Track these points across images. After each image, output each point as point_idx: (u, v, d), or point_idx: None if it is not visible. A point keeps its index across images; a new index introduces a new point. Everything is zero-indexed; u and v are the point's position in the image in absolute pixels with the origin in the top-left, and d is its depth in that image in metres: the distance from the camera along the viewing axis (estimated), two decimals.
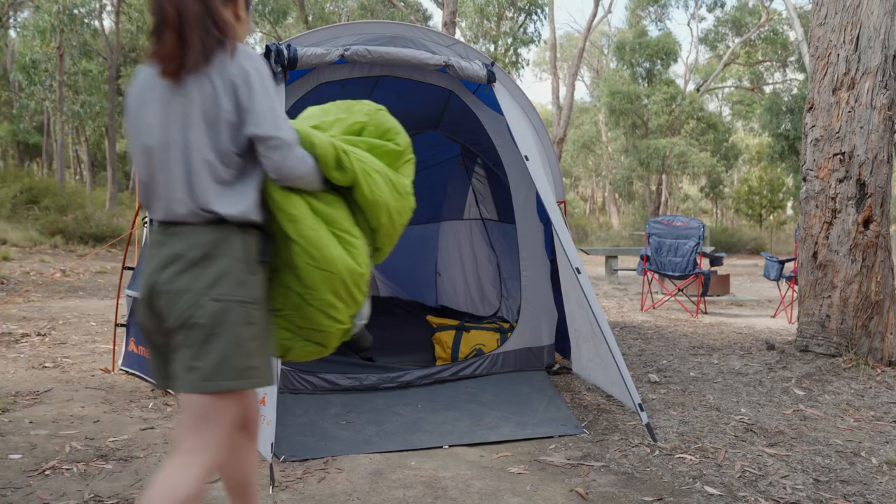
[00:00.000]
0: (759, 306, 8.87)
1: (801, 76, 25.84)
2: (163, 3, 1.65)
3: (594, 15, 24.18)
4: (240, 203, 1.64)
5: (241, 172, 1.65)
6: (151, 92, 1.65)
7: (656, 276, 8.69)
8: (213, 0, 1.66)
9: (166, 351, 1.73)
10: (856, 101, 4.76)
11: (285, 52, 3.47)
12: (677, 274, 8.03)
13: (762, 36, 27.49)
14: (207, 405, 1.61)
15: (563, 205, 4.49)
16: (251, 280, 1.65)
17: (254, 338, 1.64)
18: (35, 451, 2.90)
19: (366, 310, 1.86)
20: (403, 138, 1.93)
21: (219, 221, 1.62)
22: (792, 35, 25.15)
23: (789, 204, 30.33)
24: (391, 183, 1.84)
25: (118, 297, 4.48)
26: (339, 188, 1.77)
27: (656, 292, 9.45)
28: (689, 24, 55.67)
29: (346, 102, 1.97)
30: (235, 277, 1.61)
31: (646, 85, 27.52)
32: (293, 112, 3.93)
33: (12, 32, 26.88)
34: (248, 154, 1.64)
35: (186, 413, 1.64)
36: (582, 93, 75.60)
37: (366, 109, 1.93)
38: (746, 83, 32.18)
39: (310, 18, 25.55)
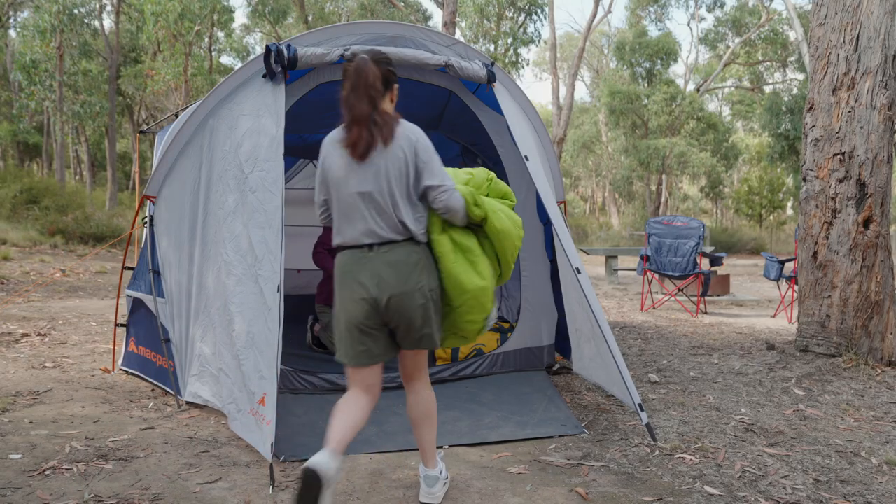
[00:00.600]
0: (759, 306, 8.87)
1: (801, 76, 25.85)
2: (352, 104, 2.34)
3: (594, 15, 24.18)
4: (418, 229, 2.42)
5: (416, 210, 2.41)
6: (348, 165, 2.36)
7: (656, 276, 8.69)
8: (379, 102, 2.36)
9: (378, 334, 2.39)
10: (856, 101, 4.76)
11: (285, 52, 3.47)
12: (677, 274, 8.03)
13: (762, 36, 27.48)
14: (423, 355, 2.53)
15: (563, 205, 4.49)
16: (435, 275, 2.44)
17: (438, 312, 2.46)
18: (35, 451, 2.90)
19: (494, 314, 2.54)
20: (513, 197, 2.74)
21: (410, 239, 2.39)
22: (792, 35, 25.16)
23: (789, 204, 30.33)
24: (511, 218, 2.55)
25: (118, 297, 4.48)
26: (473, 226, 2.50)
27: (656, 292, 9.45)
28: (689, 24, 55.65)
29: (466, 169, 2.69)
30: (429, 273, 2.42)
31: (646, 85, 27.52)
32: (293, 110, 3.94)
33: (12, 32, 26.89)
34: (423, 198, 2.41)
35: (411, 363, 2.51)
36: (582, 93, 75.66)
37: (486, 175, 2.68)
38: (746, 83, 32.17)
39: (310, 18, 25.55)
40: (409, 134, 2.37)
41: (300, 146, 6.14)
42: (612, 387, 3.65)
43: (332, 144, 2.41)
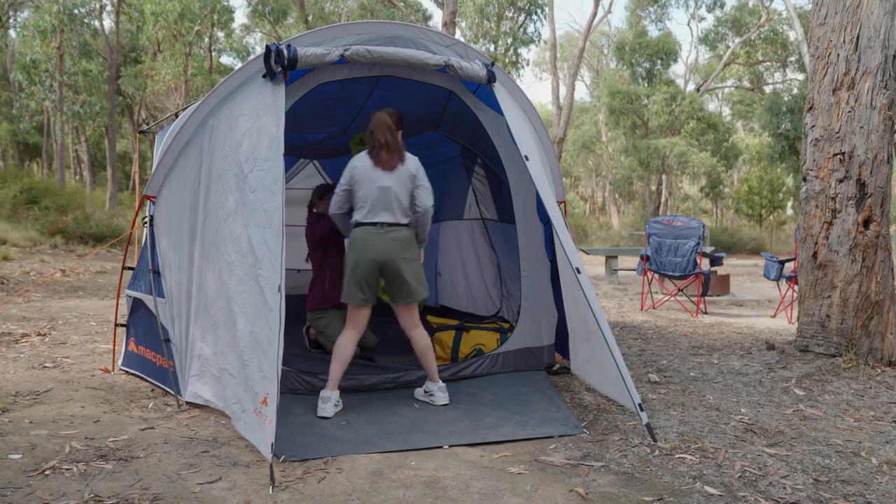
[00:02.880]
0: (759, 306, 8.87)
1: (801, 76, 25.85)
2: (378, 138, 3.65)
3: (594, 15, 24.18)
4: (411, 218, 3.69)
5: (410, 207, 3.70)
6: (374, 171, 3.63)
7: (656, 276, 8.69)
8: (397, 135, 3.71)
9: (373, 285, 3.63)
10: (856, 101, 4.76)
11: (285, 52, 3.47)
12: (677, 274, 8.03)
13: (762, 36, 27.49)
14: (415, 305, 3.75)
15: (563, 205, 4.49)
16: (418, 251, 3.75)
17: (423, 276, 3.75)
18: (35, 451, 2.90)
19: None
20: None
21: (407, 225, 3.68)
22: (792, 35, 25.16)
23: (789, 204, 30.32)
24: None
25: (118, 297, 4.48)
26: None
27: (656, 292, 9.45)
28: (689, 24, 55.67)
29: None
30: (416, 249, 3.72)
31: (646, 85, 27.53)
32: (293, 110, 3.94)
33: (12, 32, 26.90)
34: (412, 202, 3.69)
35: (407, 315, 3.75)
36: (582, 93, 75.63)
37: None
38: (746, 83, 32.18)
39: (310, 18, 25.56)
40: (411, 161, 3.74)
41: (300, 146, 6.14)
42: (607, 387, 3.65)
43: (362, 160, 3.67)
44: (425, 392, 3.78)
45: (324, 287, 4.94)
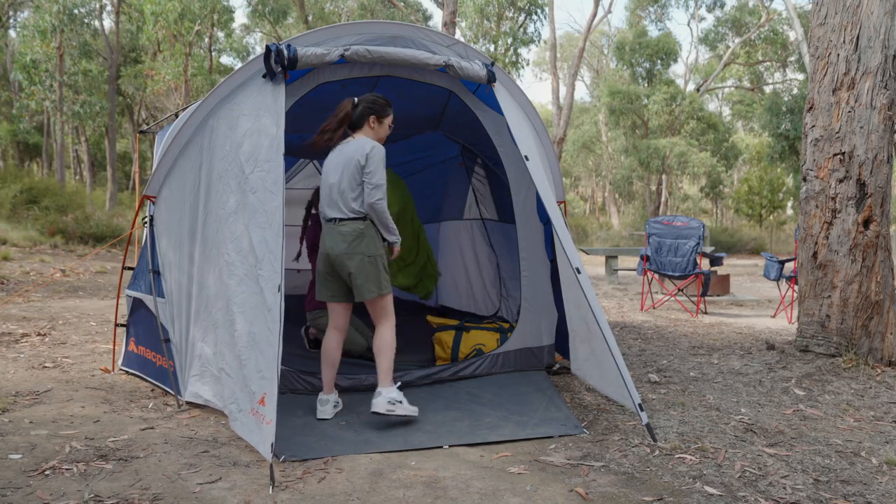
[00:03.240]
0: (759, 306, 8.87)
1: (801, 76, 25.85)
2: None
3: (594, 15, 24.18)
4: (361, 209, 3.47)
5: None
6: (325, 164, 3.60)
7: (656, 276, 8.69)
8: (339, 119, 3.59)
9: (337, 281, 3.50)
10: (856, 101, 4.76)
11: (285, 52, 3.47)
12: (677, 274, 8.03)
13: (762, 36, 27.49)
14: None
15: (563, 205, 4.49)
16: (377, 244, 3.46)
17: (377, 273, 3.43)
18: (35, 451, 2.90)
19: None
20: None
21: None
22: (792, 35, 25.16)
23: (789, 204, 30.32)
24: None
25: (118, 297, 4.48)
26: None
27: (656, 292, 9.45)
28: (689, 24, 55.59)
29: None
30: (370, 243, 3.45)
31: (646, 85, 27.52)
32: (293, 110, 3.94)
33: (12, 32, 26.89)
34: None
35: (370, 310, 3.52)
36: (582, 93, 75.62)
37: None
38: (746, 83, 32.17)
39: (310, 18, 25.55)
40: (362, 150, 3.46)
41: (300, 146, 6.13)
42: (608, 388, 3.65)
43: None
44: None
45: None
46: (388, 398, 3.33)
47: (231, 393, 3.20)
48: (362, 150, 3.38)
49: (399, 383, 3.50)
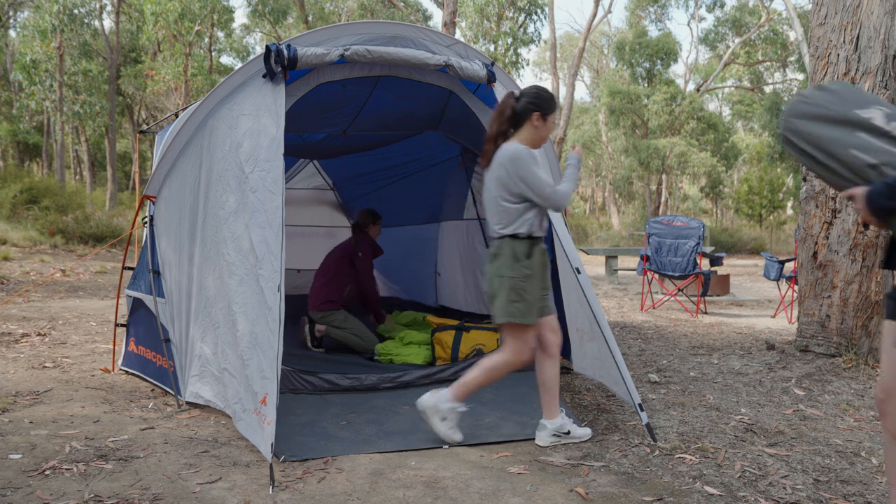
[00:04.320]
0: (759, 306, 8.87)
1: (801, 76, 25.86)
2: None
3: (594, 15, 24.17)
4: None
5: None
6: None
7: (656, 276, 8.69)
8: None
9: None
10: None
11: (285, 52, 3.47)
12: (677, 274, 8.03)
13: (762, 36, 27.50)
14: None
15: None
16: (517, 266, 3.00)
17: (518, 296, 3.00)
18: (35, 451, 2.90)
19: None
20: None
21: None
22: (792, 35, 25.16)
23: (789, 204, 30.32)
24: None
25: (118, 297, 4.48)
26: None
27: (656, 292, 9.45)
28: (689, 24, 55.59)
29: None
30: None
31: (646, 85, 27.53)
32: (293, 110, 3.94)
33: (12, 32, 26.89)
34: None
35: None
36: (582, 93, 75.66)
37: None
38: (746, 83, 32.17)
39: (310, 18, 25.56)
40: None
41: (300, 146, 6.14)
42: (615, 386, 3.65)
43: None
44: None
45: (344, 292, 5.29)
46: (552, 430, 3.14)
47: (235, 393, 3.20)
48: (500, 163, 2.97)
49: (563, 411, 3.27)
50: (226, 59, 28.06)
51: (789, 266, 12.00)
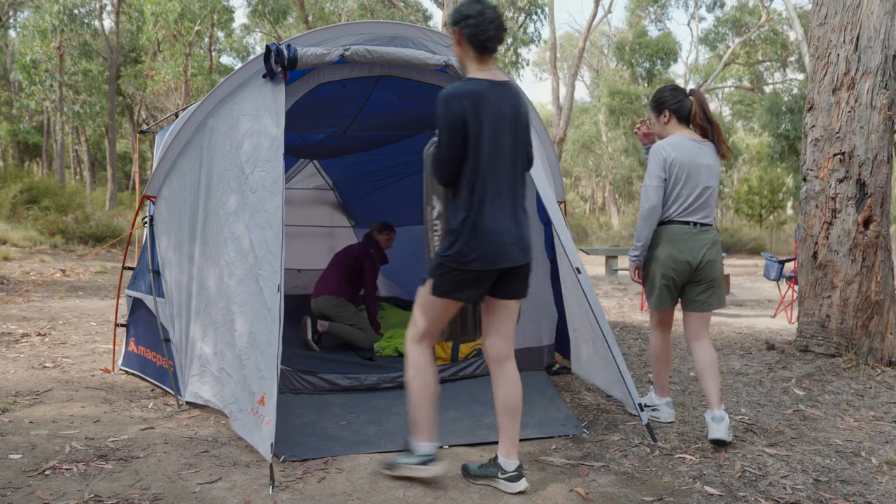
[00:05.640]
0: (759, 306, 8.87)
1: (801, 76, 25.86)
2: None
3: (594, 15, 24.18)
4: None
5: None
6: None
7: None
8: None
9: (678, 290, 3.33)
10: (856, 101, 4.76)
11: (285, 52, 3.47)
12: None
13: (762, 36, 27.49)
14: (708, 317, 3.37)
15: (563, 205, 4.49)
16: None
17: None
18: (35, 451, 2.90)
19: None
20: None
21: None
22: (792, 35, 25.14)
23: (789, 204, 30.31)
24: None
25: (118, 297, 4.48)
26: None
27: None
28: (689, 24, 55.59)
29: None
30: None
31: (646, 85, 27.52)
32: (293, 110, 3.94)
33: (12, 32, 26.89)
34: None
35: (697, 323, 3.34)
36: (582, 93, 75.62)
37: None
38: (746, 83, 32.17)
39: (310, 18, 25.55)
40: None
41: (300, 146, 6.14)
42: (611, 387, 3.65)
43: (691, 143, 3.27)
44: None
45: (351, 286, 5.45)
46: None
47: (232, 393, 3.20)
48: (714, 153, 3.30)
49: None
50: (226, 59, 28.07)
51: (789, 266, 11.99)
